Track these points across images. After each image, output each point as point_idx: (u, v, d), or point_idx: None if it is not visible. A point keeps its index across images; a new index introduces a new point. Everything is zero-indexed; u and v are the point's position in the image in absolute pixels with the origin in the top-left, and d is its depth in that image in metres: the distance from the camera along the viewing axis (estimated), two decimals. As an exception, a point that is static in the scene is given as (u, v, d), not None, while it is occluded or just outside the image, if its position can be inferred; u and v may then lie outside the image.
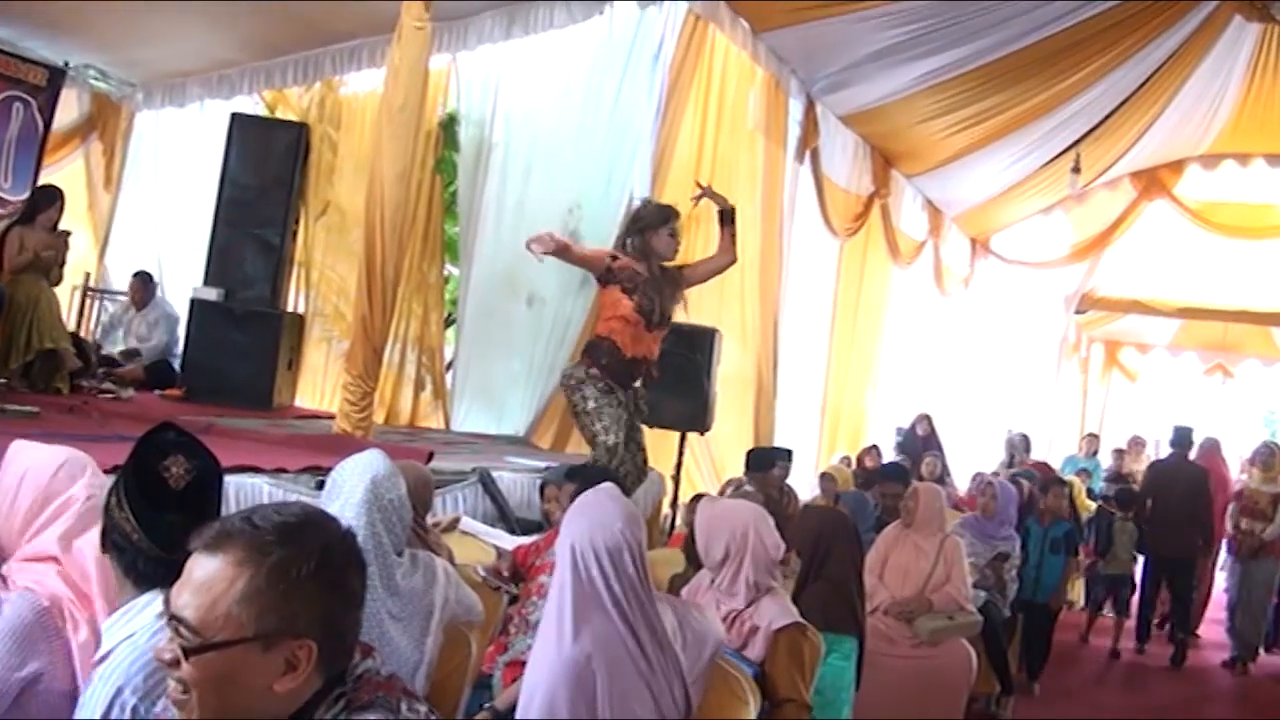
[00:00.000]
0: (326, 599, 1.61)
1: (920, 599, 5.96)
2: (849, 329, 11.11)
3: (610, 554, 2.81)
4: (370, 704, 1.63)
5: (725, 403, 7.78)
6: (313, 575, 1.60)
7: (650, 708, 2.81)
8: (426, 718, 1.69)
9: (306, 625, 1.59)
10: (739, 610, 3.56)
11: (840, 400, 11.21)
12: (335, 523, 1.74)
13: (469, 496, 6.00)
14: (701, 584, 3.76)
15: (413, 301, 8.91)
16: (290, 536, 1.61)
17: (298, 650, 1.58)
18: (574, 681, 2.76)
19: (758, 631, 3.52)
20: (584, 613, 2.80)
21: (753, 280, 8.69)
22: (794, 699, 3.47)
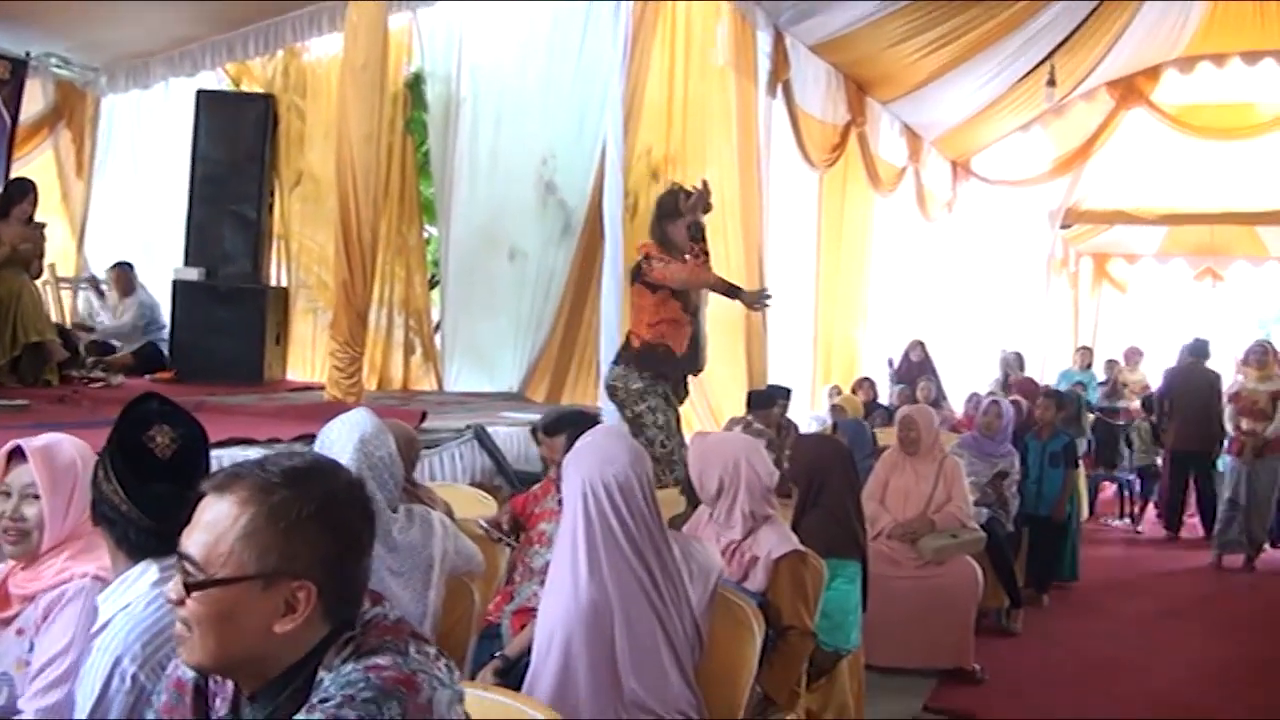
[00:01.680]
0: (327, 542, 1.62)
1: (923, 520, 6.01)
2: (834, 261, 11.06)
3: (621, 489, 2.81)
4: (379, 648, 1.63)
5: (717, 344, 7.75)
6: (314, 517, 1.61)
7: (665, 643, 2.81)
8: (436, 659, 1.68)
9: (306, 567, 1.60)
10: (737, 541, 3.56)
11: (831, 333, 11.19)
12: (344, 470, 1.76)
13: (466, 454, 6.01)
14: (700, 520, 3.76)
15: (395, 265, 8.87)
16: (295, 479, 1.63)
17: (297, 591, 1.60)
18: (592, 622, 2.76)
19: (757, 561, 3.52)
20: (597, 552, 2.79)
21: (734, 219, 8.64)
22: (796, 626, 3.48)
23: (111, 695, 2.01)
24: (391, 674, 1.58)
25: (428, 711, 1.59)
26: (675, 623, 2.84)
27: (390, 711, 1.54)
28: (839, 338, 11.40)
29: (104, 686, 2.01)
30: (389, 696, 1.55)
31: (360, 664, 1.60)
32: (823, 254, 10.84)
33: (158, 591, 2.11)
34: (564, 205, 7.91)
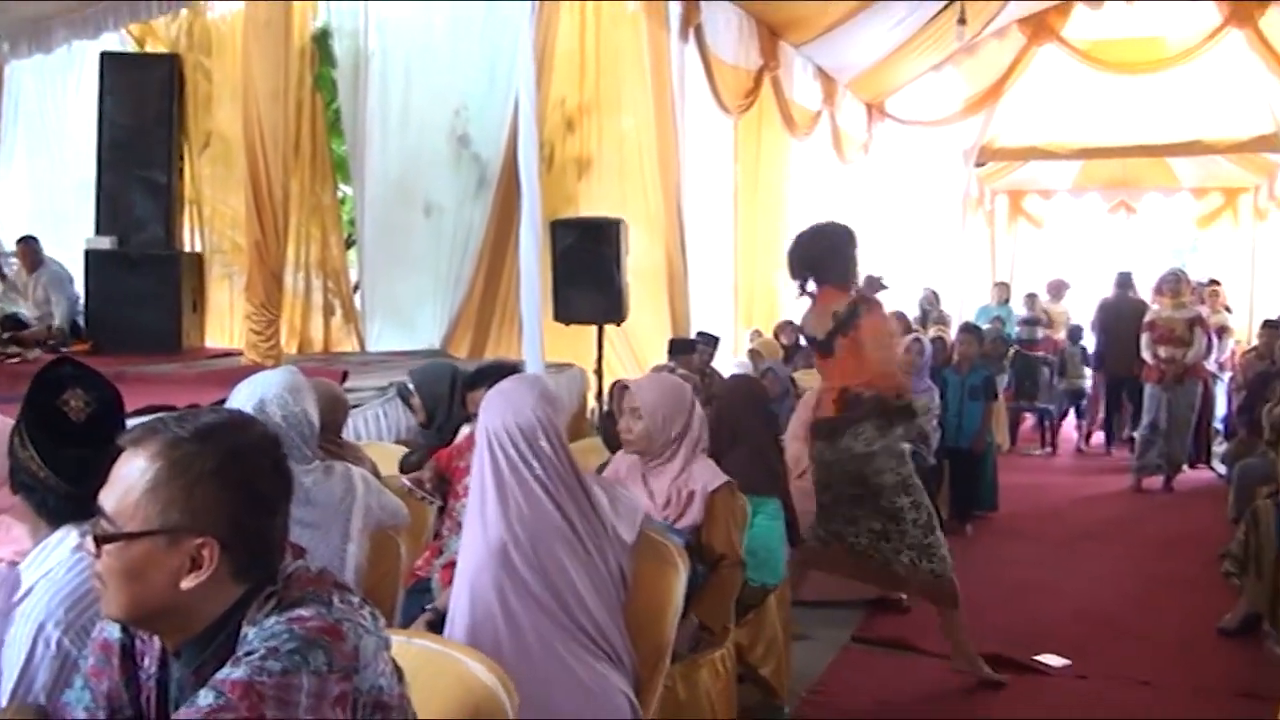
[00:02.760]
0: (229, 499, 1.62)
1: (845, 458, 6.09)
2: (752, 207, 11.11)
3: (524, 433, 2.82)
4: (301, 600, 1.63)
5: (639, 293, 7.80)
6: (215, 473, 1.61)
7: (587, 583, 2.85)
8: (360, 608, 1.69)
9: (209, 523, 1.60)
10: (674, 478, 3.61)
11: (752, 279, 11.26)
12: (257, 426, 1.75)
13: (389, 412, 5.99)
14: (620, 464, 3.78)
15: (309, 226, 8.77)
16: (203, 434, 1.63)
17: (201, 548, 1.60)
18: (501, 566, 2.78)
19: (694, 495, 3.59)
20: (506, 496, 2.81)
21: (652, 167, 8.65)
22: (729, 555, 3.58)
23: (37, 662, 1.99)
24: (315, 624, 1.59)
25: (354, 659, 1.60)
26: (598, 564, 2.88)
27: (316, 660, 1.55)
28: (760, 283, 11.47)
29: (29, 654, 1.99)
30: (313, 645, 1.56)
31: (283, 616, 1.60)
32: (740, 200, 10.87)
33: (79, 556, 2.09)
34: (478, 158, 7.87)
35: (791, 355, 9.77)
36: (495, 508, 2.82)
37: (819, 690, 4.82)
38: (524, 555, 2.79)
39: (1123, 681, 4.93)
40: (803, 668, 4.84)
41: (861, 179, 14.11)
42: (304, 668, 1.53)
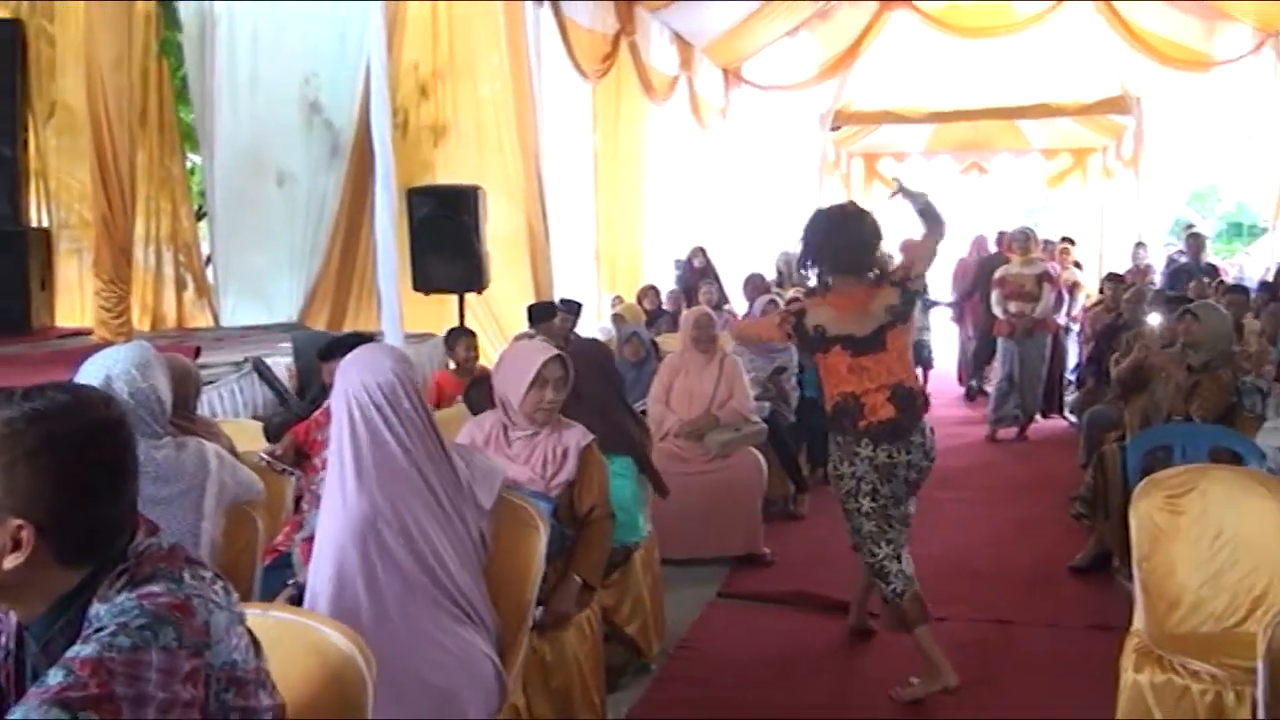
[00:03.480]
0: (44, 485, 1.60)
1: (707, 417, 6.21)
2: (612, 172, 11.13)
3: (384, 391, 2.80)
4: (152, 576, 1.63)
5: (500, 261, 7.77)
6: (29, 457, 1.59)
7: (449, 546, 2.84)
8: (213, 583, 1.68)
9: (25, 507, 1.58)
10: (548, 439, 3.67)
11: (614, 245, 11.29)
12: (93, 410, 1.69)
13: (245, 387, 5.89)
14: (476, 431, 3.76)
15: (159, 198, 8.47)
16: (32, 417, 1.61)
17: (18, 530, 1.58)
18: (362, 532, 2.76)
19: (568, 452, 3.66)
20: (364, 462, 2.79)
21: (509, 133, 8.58)
22: (599, 506, 3.71)
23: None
24: (165, 600, 1.58)
25: (204, 634, 1.60)
26: (459, 527, 2.88)
27: (165, 636, 1.54)
28: (622, 248, 11.51)
29: None
30: (163, 622, 1.55)
31: (133, 593, 1.59)
32: (600, 165, 10.89)
33: None
34: (330, 126, 7.70)
35: (654, 319, 9.85)
36: (354, 480, 2.79)
37: (685, 645, 4.90)
38: (389, 524, 2.78)
39: (982, 621, 5.11)
40: (670, 625, 4.91)
41: (720, 144, 14.24)
42: (153, 644, 1.53)
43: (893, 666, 4.50)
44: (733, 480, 6.15)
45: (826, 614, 5.31)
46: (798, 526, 7.03)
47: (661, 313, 10.27)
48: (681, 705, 4.31)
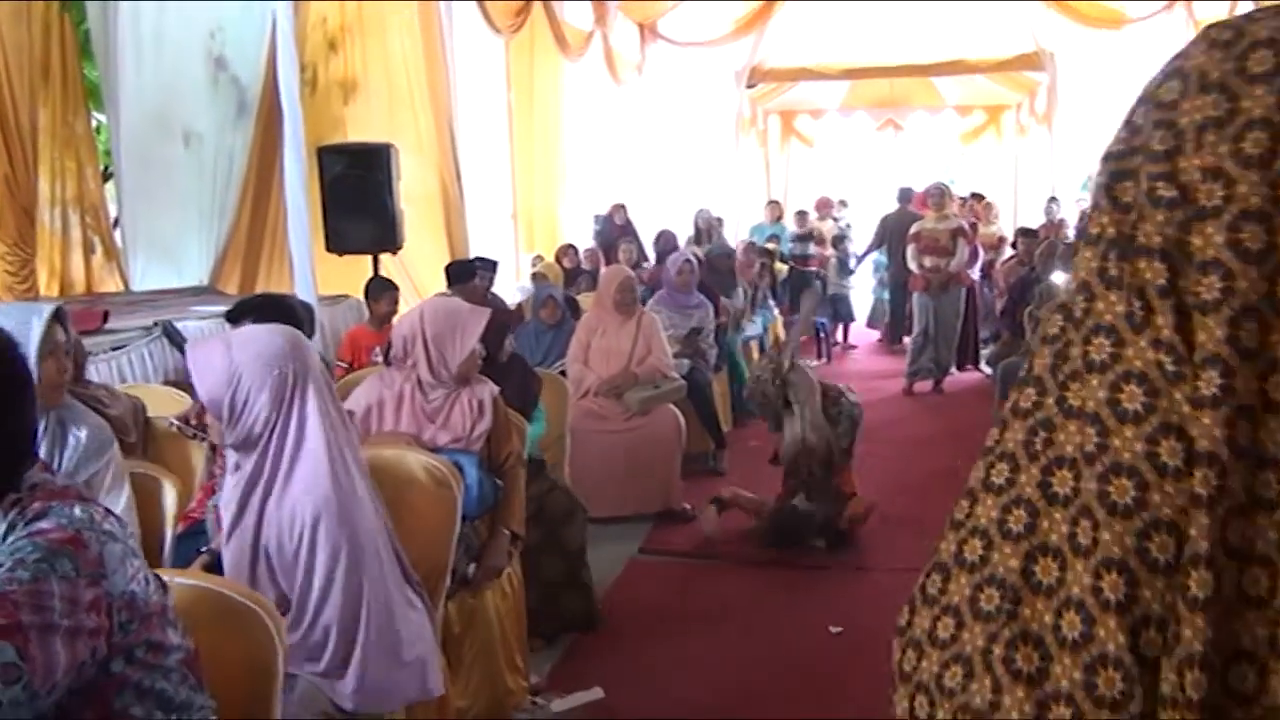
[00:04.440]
0: None
1: (626, 375, 6.21)
2: (528, 129, 11.02)
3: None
4: (43, 513, 1.68)
5: (414, 220, 7.67)
6: None
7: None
8: (105, 518, 1.74)
9: None
10: (466, 394, 3.63)
11: (531, 203, 11.21)
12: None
13: (155, 352, 5.76)
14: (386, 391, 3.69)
15: (64, 158, 8.19)
16: None
17: None
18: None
19: (484, 404, 3.65)
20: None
21: (421, 90, 8.45)
22: (515, 451, 3.75)
23: None
24: (56, 535, 1.64)
25: (99, 565, 1.66)
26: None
27: (62, 567, 1.61)
28: (539, 207, 11.43)
29: None
30: (58, 554, 1.61)
31: (25, 531, 1.65)
32: (515, 122, 10.77)
33: None
34: (237, 82, 7.51)
35: (574, 278, 9.82)
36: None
37: (607, 601, 4.91)
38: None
39: (899, 570, 5.17)
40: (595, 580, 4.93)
41: (636, 101, 14.15)
42: (52, 574, 1.59)
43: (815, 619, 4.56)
44: (652, 437, 6.18)
45: (746, 567, 5.36)
46: (719, 482, 7.07)
47: (581, 271, 10.25)
48: (605, 661, 4.33)
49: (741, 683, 4.16)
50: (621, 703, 3.89)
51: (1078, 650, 0.73)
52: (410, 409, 3.55)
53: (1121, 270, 0.75)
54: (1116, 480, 0.73)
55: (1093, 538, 0.73)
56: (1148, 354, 0.73)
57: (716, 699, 3.96)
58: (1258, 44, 0.72)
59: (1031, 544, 0.77)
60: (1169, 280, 0.72)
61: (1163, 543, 0.71)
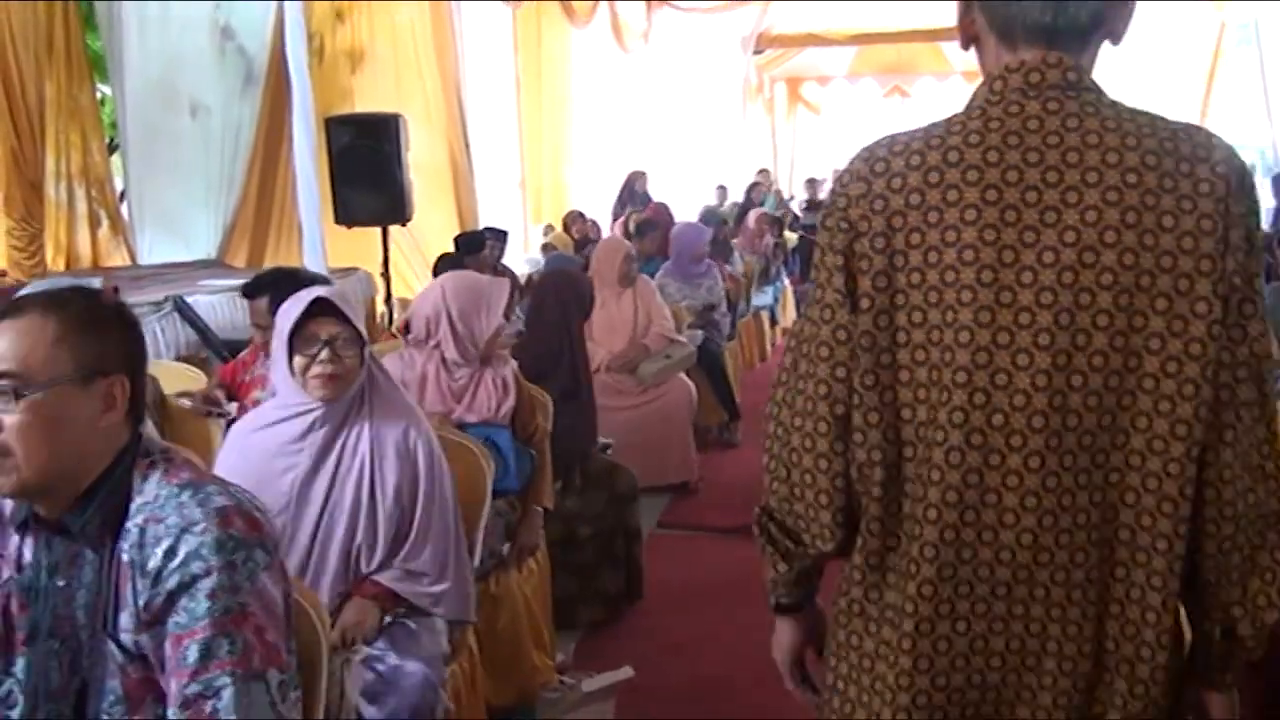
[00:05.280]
0: (131, 339, 1.77)
1: (636, 347, 6.13)
2: (535, 98, 10.92)
3: None
4: (200, 481, 1.73)
5: (423, 191, 7.56)
6: (116, 316, 1.75)
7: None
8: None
9: (117, 363, 1.72)
10: (481, 371, 3.57)
11: (539, 172, 11.12)
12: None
13: (167, 328, 5.69)
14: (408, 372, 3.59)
15: (69, 132, 8.07)
16: (78, 293, 1.75)
17: (113, 386, 1.71)
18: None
19: (507, 380, 3.59)
20: None
21: (429, 61, 8.36)
22: (541, 424, 3.71)
23: None
24: (239, 521, 1.69)
25: (273, 532, 1.78)
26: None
27: (261, 559, 1.71)
28: (547, 176, 11.33)
29: None
30: (252, 545, 1.69)
31: (194, 500, 1.68)
32: (523, 92, 10.67)
33: None
34: (244, 52, 7.38)
35: (582, 247, 9.73)
36: None
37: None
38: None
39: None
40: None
41: (643, 69, 14.02)
42: (259, 570, 1.69)
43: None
44: (665, 409, 6.11)
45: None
46: (732, 454, 7.03)
47: (589, 240, 10.16)
48: (631, 638, 4.28)
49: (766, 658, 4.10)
50: (649, 681, 3.84)
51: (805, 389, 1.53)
52: (436, 389, 3.47)
53: (825, 249, 1.49)
54: (811, 348, 1.51)
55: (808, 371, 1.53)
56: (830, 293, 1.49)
57: (747, 673, 3.91)
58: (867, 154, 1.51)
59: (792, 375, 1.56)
60: (843, 259, 1.46)
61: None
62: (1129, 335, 1.37)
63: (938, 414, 1.42)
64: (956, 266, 1.39)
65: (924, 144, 1.44)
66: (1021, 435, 1.39)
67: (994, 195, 1.38)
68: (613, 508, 4.41)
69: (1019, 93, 1.41)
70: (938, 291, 1.40)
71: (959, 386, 1.40)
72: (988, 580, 1.45)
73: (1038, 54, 1.41)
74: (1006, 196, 1.38)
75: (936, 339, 1.41)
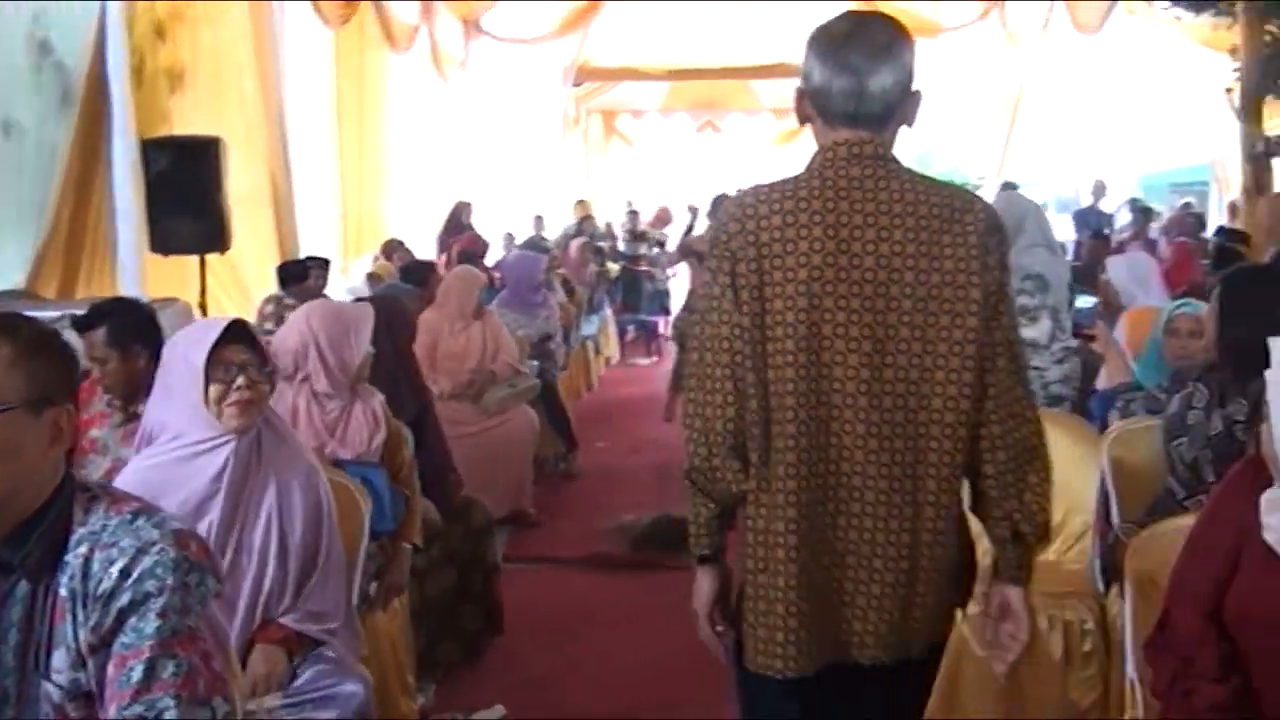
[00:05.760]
0: (71, 369, 1.75)
1: (484, 373, 6.07)
2: (355, 125, 10.66)
3: None
4: (141, 509, 1.71)
5: (241, 219, 7.28)
6: (60, 345, 1.74)
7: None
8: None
9: (63, 393, 1.69)
10: (352, 403, 3.45)
11: (359, 201, 10.85)
12: None
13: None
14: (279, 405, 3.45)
15: None
16: (26, 319, 1.74)
17: (60, 416, 1.67)
18: None
19: (376, 411, 3.50)
20: None
21: (251, 83, 8.07)
22: (407, 461, 3.64)
23: None
24: (192, 544, 1.69)
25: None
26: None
27: (210, 584, 1.70)
28: (366, 205, 11.08)
29: None
30: (202, 569, 1.68)
31: (152, 525, 1.67)
32: (342, 118, 10.41)
33: None
34: (61, 68, 6.94)
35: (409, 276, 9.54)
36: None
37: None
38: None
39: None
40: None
41: (461, 97, 13.90)
42: (209, 595, 1.67)
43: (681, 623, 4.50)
44: (507, 436, 6.11)
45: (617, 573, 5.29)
46: (571, 485, 7.00)
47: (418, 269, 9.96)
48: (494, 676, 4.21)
49: (631, 686, 4.13)
50: (519, 717, 3.77)
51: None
52: (308, 423, 3.32)
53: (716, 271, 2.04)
54: (714, 343, 2.04)
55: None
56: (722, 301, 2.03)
57: (615, 704, 3.92)
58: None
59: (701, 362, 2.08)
60: (730, 278, 2.01)
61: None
62: (925, 328, 2.00)
63: (785, 380, 2.02)
64: (807, 281, 1.99)
65: (780, 195, 2.06)
66: (852, 396, 2.01)
67: (832, 232, 2.00)
68: (469, 542, 4.30)
69: (845, 161, 2.04)
70: (793, 299, 2.00)
71: (800, 365, 2.01)
72: (832, 499, 2.05)
73: (855, 133, 2.05)
74: (840, 233, 2.00)
75: (791, 333, 2.00)
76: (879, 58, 2.06)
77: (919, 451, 2.03)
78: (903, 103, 2.07)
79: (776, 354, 2.01)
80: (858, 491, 2.03)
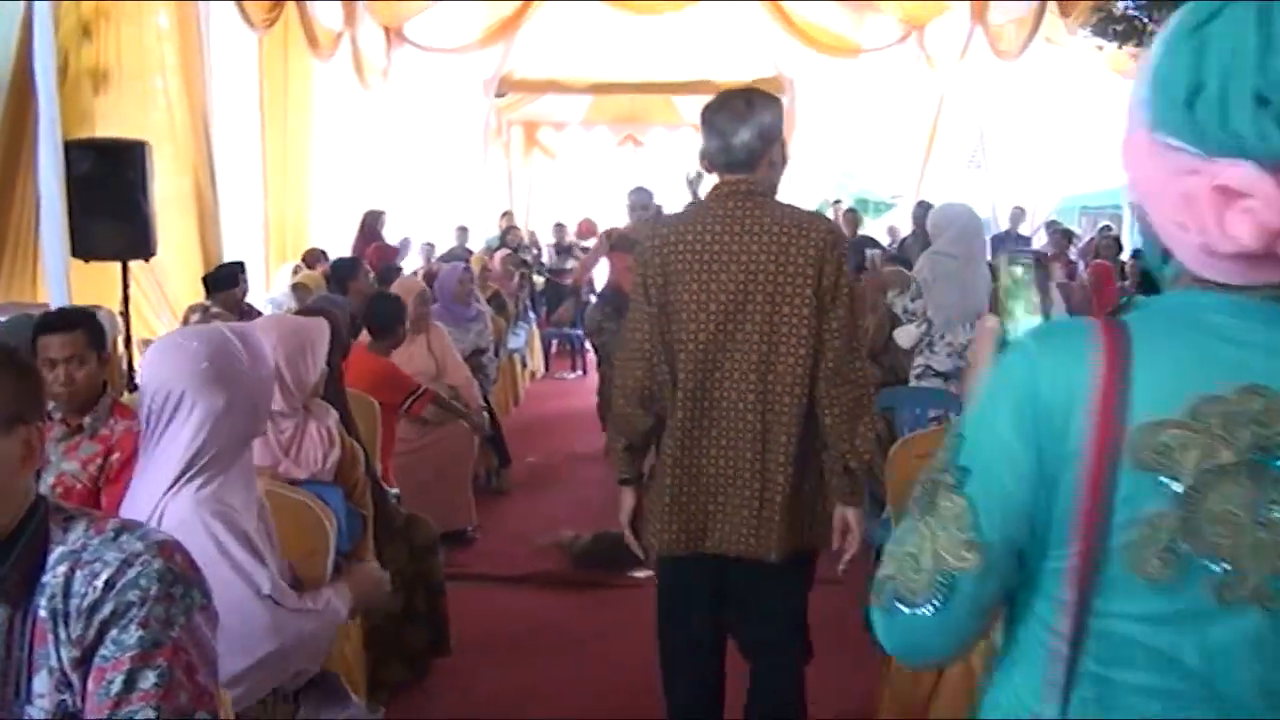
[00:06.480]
0: (38, 387, 1.69)
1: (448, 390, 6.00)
2: (279, 130, 10.45)
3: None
4: (125, 526, 1.66)
5: (166, 225, 7.10)
6: (29, 362, 1.71)
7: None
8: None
9: (33, 411, 1.64)
10: (305, 421, 3.37)
11: (282, 208, 10.64)
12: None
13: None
14: None
15: None
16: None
17: (31, 435, 1.62)
18: None
19: (329, 428, 3.43)
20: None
21: (176, 84, 7.85)
22: (361, 477, 3.60)
23: None
24: (179, 558, 1.65)
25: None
26: None
27: (198, 597, 1.65)
28: (290, 212, 10.86)
29: None
30: (190, 583, 1.64)
31: (137, 538, 1.62)
32: (267, 124, 10.21)
33: None
34: (-14, 66, 6.73)
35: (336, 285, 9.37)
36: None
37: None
38: None
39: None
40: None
41: (383, 106, 13.72)
42: (194, 607, 1.62)
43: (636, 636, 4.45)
44: (448, 451, 6.04)
45: (558, 588, 5.23)
46: (505, 501, 6.91)
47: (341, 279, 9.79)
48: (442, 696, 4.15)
49: (580, 705, 4.09)
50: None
51: None
52: (262, 442, 3.20)
53: (638, 276, 2.91)
54: (634, 324, 2.93)
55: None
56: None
57: None
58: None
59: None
60: (643, 280, 2.88)
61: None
62: (773, 317, 2.76)
63: (683, 350, 2.82)
64: (696, 281, 2.79)
65: (680, 221, 2.89)
66: (727, 364, 2.80)
67: (715, 247, 2.79)
68: (413, 561, 4.20)
69: (724, 196, 2.84)
70: (687, 294, 2.80)
71: (692, 338, 2.81)
72: (706, 433, 2.85)
73: (731, 176, 2.84)
74: (715, 248, 2.78)
75: (687, 319, 2.80)
76: (738, 120, 2.78)
77: (769, 402, 2.79)
78: (765, 150, 2.82)
79: (679, 332, 2.81)
80: (725, 428, 2.81)
